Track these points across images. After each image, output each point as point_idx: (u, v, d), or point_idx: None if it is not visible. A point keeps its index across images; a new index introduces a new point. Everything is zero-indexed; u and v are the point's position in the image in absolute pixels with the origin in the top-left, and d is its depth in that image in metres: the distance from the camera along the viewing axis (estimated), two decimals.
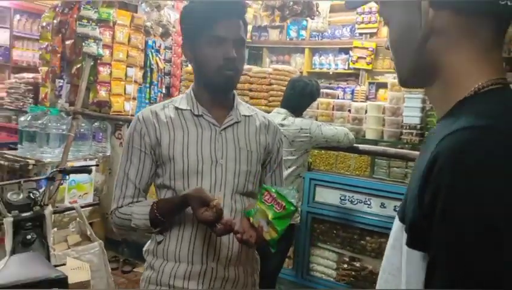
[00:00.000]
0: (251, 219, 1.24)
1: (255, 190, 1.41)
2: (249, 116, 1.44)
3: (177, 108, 1.38)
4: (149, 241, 1.41)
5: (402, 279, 0.69)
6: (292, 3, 3.09)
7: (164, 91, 4.92)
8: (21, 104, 5.14)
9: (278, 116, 2.74)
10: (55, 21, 4.23)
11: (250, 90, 3.66)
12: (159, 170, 1.37)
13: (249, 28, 5.27)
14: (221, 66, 1.30)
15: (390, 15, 0.78)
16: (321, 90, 3.68)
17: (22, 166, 3.58)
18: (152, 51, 4.54)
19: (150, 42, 4.49)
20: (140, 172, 1.36)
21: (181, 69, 5.09)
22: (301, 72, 5.05)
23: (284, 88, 3.62)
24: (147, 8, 4.28)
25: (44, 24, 4.43)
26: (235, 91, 1.45)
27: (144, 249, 1.41)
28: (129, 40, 4.13)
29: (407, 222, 0.67)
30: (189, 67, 4.24)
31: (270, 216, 1.20)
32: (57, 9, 4.27)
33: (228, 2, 1.33)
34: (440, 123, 0.73)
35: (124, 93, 4.12)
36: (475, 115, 0.63)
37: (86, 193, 3.78)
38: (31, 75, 5.28)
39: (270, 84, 3.61)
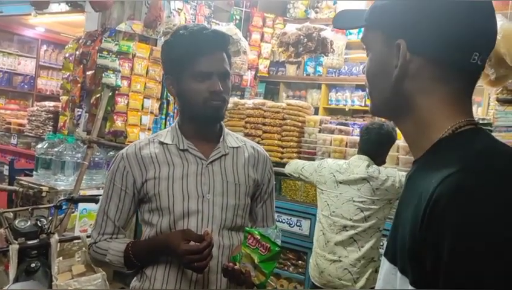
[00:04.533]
0: (237, 264, 1.21)
1: (243, 224, 1.38)
2: (237, 147, 1.42)
3: (161, 143, 1.37)
4: (135, 277, 1.38)
5: None
6: (305, 40, 3.13)
7: None
8: (41, 131, 5.24)
9: (361, 162, 2.52)
10: (77, 52, 4.36)
11: (264, 124, 3.67)
12: (145, 206, 1.35)
13: (267, 62, 5.34)
14: (206, 98, 1.30)
15: (370, 45, 0.80)
16: (335, 126, 3.67)
17: (35, 193, 3.62)
18: None
19: None
20: (119, 210, 1.35)
21: None
22: (317, 108, 5.05)
23: (298, 123, 3.64)
24: None
25: (67, 55, 4.57)
26: (222, 123, 1.44)
27: (131, 285, 1.38)
28: (147, 72, 4.22)
29: (404, 263, 0.67)
30: None
31: (256, 260, 1.18)
32: (80, 41, 4.41)
33: (210, 36, 1.32)
34: (422, 162, 0.74)
35: (140, 123, 4.18)
36: (468, 156, 0.66)
37: None
38: (52, 103, 5.41)
39: (284, 118, 3.61)
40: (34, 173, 3.90)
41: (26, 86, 7.37)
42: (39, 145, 3.98)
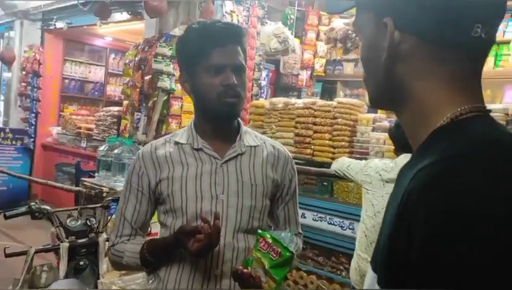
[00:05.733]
0: (249, 269, 1.15)
1: (261, 226, 1.31)
2: (255, 146, 1.35)
3: (177, 143, 1.34)
4: (153, 278, 1.37)
5: None
6: (354, 35, 3.00)
7: None
8: (106, 135, 5.52)
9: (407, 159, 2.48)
10: (136, 58, 4.54)
11: (315, 124, 3.57)
12: (160, 207, 1.33)
13: (323, 61, 5.21)
14: (220, 93, 1.25)
15: (361, 28, 0.71)
16: (390, 124, 3.49)
17: (97, 193, 3.80)
18: None
19: None
20: (136, 212, 1.33)
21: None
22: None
23: (349, 122, 3.49)
24: None
25: (127, 61, 4.77)
26: (240, 120, 1.38)
27: (147, 286, 1.38)
28: None
29: (381, 271, 0.60)
30: (257, 101, 4.26)
31: (266, 265, 1.11)
32: (139, 47, 4.59)
33: (223, 29, 1.28)
34: (413, 157, 0.66)
35: None
36: (450, 147, 0.58)
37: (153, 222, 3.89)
38: (116, 108, 5.69)
39: (335, 118, 3.49)
40: (96, 174, 4.10)
41: (96, 93, 7.82)
42: (100, 148, 4.19)
